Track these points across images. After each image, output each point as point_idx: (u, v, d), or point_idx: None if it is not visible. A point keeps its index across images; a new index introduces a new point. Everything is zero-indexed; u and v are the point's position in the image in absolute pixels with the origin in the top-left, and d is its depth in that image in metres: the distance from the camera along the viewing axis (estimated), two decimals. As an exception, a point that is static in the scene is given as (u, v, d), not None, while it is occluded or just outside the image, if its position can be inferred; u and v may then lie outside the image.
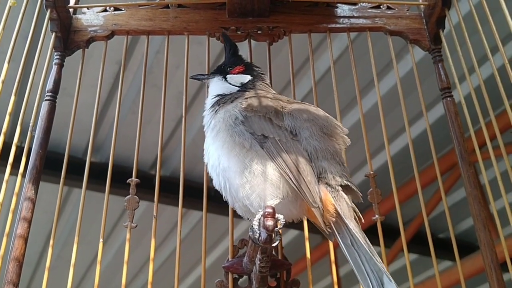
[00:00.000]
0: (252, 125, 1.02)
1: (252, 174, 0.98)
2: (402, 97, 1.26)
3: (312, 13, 1.34)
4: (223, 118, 1.05)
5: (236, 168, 1.00)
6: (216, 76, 1.21)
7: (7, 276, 1.01)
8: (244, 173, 0.98)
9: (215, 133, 1.05)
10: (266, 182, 0.97)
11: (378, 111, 1.25)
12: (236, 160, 1.00)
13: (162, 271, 4.05)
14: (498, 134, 1.14)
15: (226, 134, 1.02)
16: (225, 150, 1.01)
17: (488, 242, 1.12)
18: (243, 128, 1.02)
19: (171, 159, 3.16)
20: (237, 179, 0.99)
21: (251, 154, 0.99)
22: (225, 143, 1.02)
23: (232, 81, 1.19)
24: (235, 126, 1.02)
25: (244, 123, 1.02)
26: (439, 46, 1.30)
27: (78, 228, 1.13)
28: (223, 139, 1.02)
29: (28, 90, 1.15)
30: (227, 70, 1.21)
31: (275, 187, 0.98)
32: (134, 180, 1.17)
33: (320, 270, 2.95)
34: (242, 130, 1.01)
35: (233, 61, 1.22)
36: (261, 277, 1.07)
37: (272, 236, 0.87)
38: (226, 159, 1.01)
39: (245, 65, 1.22)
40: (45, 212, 3.28)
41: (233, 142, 1.01)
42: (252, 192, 0.98)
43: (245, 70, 1.21)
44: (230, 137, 1.01)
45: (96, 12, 1.33)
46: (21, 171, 1.09)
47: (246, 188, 0.98)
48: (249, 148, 0.99)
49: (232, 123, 1.03)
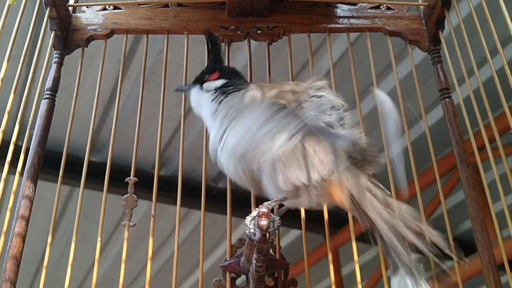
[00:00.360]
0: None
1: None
2: (401, 99, 1.26)
3: (312, 13, 1.34)
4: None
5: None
6: (195, 86, 1.19)
7: (4, 274, 1.01)
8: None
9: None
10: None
11: (380, 114, 1.25)
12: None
13: (165, 270, 4.05)
14: (497, 136, 1.14)
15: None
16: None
17: (485, 243, 1.12)
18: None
19: (173, 159, 3.16)
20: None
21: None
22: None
23: (207, 88, 1.16)
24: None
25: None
26: (438, 47, 1.30)
27: (76, 227, 1.13)
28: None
29: (27, 88, 1.16)
30: (205, 79, 1.18)
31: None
32: (132, 179, 1.17)
33: (322, 270, 2.96)
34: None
35: (210, 68, 1.20)
36: (258, 276, 1.07)
37: (266, 236, 0.88)
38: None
39: (220, 70, 1.19)
40: (48, 212, 3.28)
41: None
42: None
43: (220, 76, 1.17)
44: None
45: (95, 10, 1.33)
46: (19, 170, 1.09)
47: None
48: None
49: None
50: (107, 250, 3.90)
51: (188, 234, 3.68)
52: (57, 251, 3.92)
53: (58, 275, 1.10)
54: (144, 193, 1.19)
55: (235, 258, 1.15)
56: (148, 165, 3.10)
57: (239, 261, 1.13)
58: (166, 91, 1.28)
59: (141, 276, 4.27)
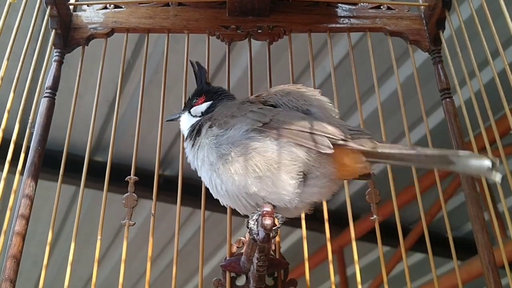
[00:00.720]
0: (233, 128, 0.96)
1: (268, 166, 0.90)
2: (401, 100, 1.26)
3: (312, 13, 1.34)
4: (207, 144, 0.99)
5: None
6: (185, 112, 1.19)
7: (4, 273, 1.01)
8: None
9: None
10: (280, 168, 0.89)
11: (383, 111, 1.25)
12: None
13: (169, 271, 4.05)
14: (498, 138, 1.13)
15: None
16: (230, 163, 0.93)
17: (485, 243, 1.12)
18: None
19: (177, 159, 3.15)
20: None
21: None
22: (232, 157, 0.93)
23: (194, 113, 1.16)
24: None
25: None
26: (439, 47, 1.30)
27: (75, 227, 1.13)
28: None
29: (27, 87, 1.15)
30: (192, 104, 1.18)
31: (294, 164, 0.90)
32: (132, 178, 1.18)
33: (327, 270, 2.96)
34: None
35: (197, 92, 1.19)
36: (258, 276, 1.07)
37: (270, 235, 0.87)
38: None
39: (206, 93, 1.18)
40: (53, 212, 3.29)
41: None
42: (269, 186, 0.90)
43: (206, 99, 1.17)
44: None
45: (96, 9, 1.34)
46: (19, 169, 1.09)
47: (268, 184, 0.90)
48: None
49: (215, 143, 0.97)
50: (112, 251, 3.90)
51: (192, 235, 3.68)
52: (62, 252, 3.93)
53: (63, 276, 1.10)
54: (148, 193, 1.19)
55: (235, 257, 1.15)
56: (152, 165, 3.09)
57: (239, 260, 1.13)
58: (169, 92, 1.28)
59: (145, 277, 4.28)
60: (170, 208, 3.15)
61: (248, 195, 0.93)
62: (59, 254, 3.90)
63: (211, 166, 0.96)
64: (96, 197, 3.12)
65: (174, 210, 3.67)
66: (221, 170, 0.94)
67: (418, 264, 3.76)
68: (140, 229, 3.25)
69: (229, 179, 0.93)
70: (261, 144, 0.91)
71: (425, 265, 3.51)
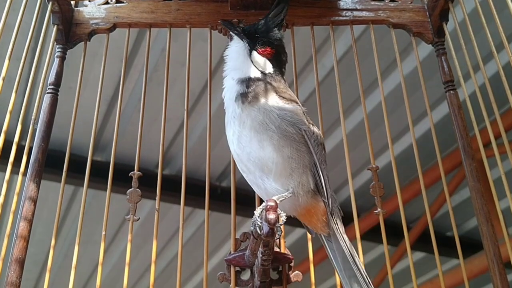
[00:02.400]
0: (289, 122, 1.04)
1: (297, 164, 1.02)
2: (405, 94, 1.25)
3: (315, 6, 1.33)
4: (264, 112, 1.04)
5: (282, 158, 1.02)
6: (244, 41, 1.15)
7: (8, 277, 1.00)
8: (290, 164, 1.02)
9: (255, 125, 1.04)
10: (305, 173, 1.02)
11: (386, 106, 1.25)
12: (286, 152, 1.02)
13: (171, 268, 4.06)
14: (503, 132, 1.13)
15: (274, 129, 1.03)
16: (274, 141, 1.02)
17: (490, 236, 1.11)
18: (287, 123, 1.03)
19: (177, 158, 3.15)
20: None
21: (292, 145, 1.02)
22: (273, 136, 1.02)
23: (255, 60, 1.14)
24: (280, 120, 1.03)
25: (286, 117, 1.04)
26: (442, 39, 1.29)
27: (79, 228, 1.12)
28: (269, 133, 1.02)
29: (29, 84, 1.15)
30: (257, 44, 1.14)
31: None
32: (136, 173, 1.17)
33: (327, 268, 2.97)
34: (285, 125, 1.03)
35: (269, 35, 1.15)
36: (263, 270, 1.07)
37: (274, 229, 0.88)
38: (273, 148, 1.02)
39: (276, 49, 1.16)
40: (52, 212, 3.27)
41: (283, 135, 1.02)
42: (291, 179, 1.02)
43: (272, 56, 1.15)
44: (278, 130, 1.02)
45: (97, 4, 1.33)
46: (22, 171, 1.08)
47: (289, 177, 1.02)
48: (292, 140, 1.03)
49: (277, 117, 1.03)
50: (112, 249, 3.90)
51: (193, 233, 3.68)
52: (62, 251, 3.93)
53: (62, 275, 1.10)
54: (149, 192, 1.19)
55: (240, 251, 1.15)
56: (152, 164, 3.10)
57: (244, 254, 1.12)
58: (170, 89, 1.27)
59: (149, 275, 4.29)
60: (169, 207, 3.15)
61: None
62: (58, 253, 3.91)
63: (266, 130, 1.03)
64: (95, 196, 3.12)
65: (174, 209, 3.69)
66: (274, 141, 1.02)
67: (418, 263, 3.76)
68: (140, 230, 3.26)
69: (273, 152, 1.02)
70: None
71: (425, 264, 3.54)
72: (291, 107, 1.06)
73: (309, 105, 1.15)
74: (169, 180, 2.97)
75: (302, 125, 1.04)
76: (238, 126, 1.06)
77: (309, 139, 1.04)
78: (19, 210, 1.07)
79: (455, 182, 3.06)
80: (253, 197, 1.18)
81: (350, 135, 2.93)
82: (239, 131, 1.06)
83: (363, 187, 3.08)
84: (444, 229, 3.53)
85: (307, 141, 1.04)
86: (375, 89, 2.60)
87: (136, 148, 1.19)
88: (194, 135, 2.97)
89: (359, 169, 2.96)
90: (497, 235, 1.13)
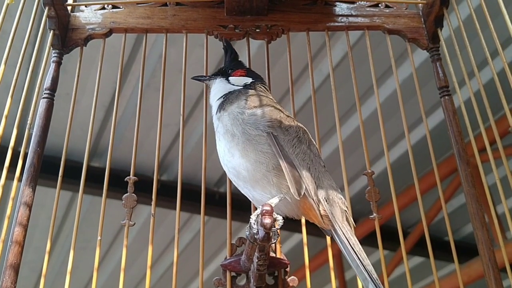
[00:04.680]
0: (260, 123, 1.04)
1: (267, 167, 1.00)
2: (401, 100, 1.26)
3: (311, 12, 1.34)
4: (232, 118, 1.06)
5: (250, 163, 1.01)
6: (218, 77, 1.23)
7: (3, 282, 0.99)
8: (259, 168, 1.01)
9: (225, 134, 1.06)
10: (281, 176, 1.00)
11: (382, 112, 1.25)
12: (252, 156, 1.01)
13: (168, 276, 4.04)
14: (498, 138, 1.13)
15: (239, 134, 1.04)
16: (239, 146, 1.03)
17: (485, 240, 1.11)
18: (250, 126, 1.04)
19: (174, 164, 3.15)
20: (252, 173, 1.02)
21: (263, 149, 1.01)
22: (238, 142, 1.03)
23: (234, 82, 1.20)
24: (244, 124, 1.04)
25: (250, 121, 1.04)
26: (437, 45, 1.30)
27: (74, 233, 1.12)
28: (235, 140, 1.04)
29: (25, 89, 1.15)
30: (229, 73, 1.22)
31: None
32: (132, 178, 1.17)
33: (326, 274, 2.96)
34: (250, 128, 1.03)
35: (234, 65, 1.24)
36: (259, 275, 1.07)
37: (269, 234, 0.87)
38: (240, 154, 1.02)
39: (247, 70, 1.24)
40: (49, 218, 3.27)
41: (247, 140, 1.03)
42: (268, 184, 1.00)
43: (246, 74, 1.22)
44: (242, 135, 1.03)
45: (94, 10, 1.33)
46: (17, 176, 1.07)
47: (264, 181, 1.00)
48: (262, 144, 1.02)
49: (241, 122, 1.04)
50: (109, 256, 3.89)
51: (191, 239, 3.67)
52: (59, 258, 3.92)
53: (60, 281, 1.10)
54: (148, 198, 1.19)
55: (235, 256, 1.15)
56: (151, 170, 3.09)
57: (239, 260, 1.12)
58: (167, 95, 1.28)
59: (143, 283, 4.27)
60: (167, 213, 3.14)
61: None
62: (56, 260, 3.89)
63: (233, 137, 1.04)
64: (93, 202, 3.11)
65: (172, 215, 3.67)
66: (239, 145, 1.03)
67: (416, 268, 3.76)
68: (138, 235, 3.24)
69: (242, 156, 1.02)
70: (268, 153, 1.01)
71: (423, 269, 3.53)
72: (259, 110, 1.07)
73: (306, 111, 1.16)
74: (167, 186, 2.97)
75: (268, 127, 1.03)
76: (218, 139, 1.09)
77: (277, 139, 1.02)
78: (14, 215, 1.06)
79: (452, 187, 3.06)
80: (250, 203, 1.18)
81: (346, 141, 2.91)
82: (219, 144, 1.09)
83: (361, 192, 3.07)
84: (442, 234, 3.53)
85: (274, 142, 1.02)
86: (372, 95, 2.61)
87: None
88: (192, 141, 2.97)
89: (356, 175, 2.96)
90: (495, 240, 1.13)
